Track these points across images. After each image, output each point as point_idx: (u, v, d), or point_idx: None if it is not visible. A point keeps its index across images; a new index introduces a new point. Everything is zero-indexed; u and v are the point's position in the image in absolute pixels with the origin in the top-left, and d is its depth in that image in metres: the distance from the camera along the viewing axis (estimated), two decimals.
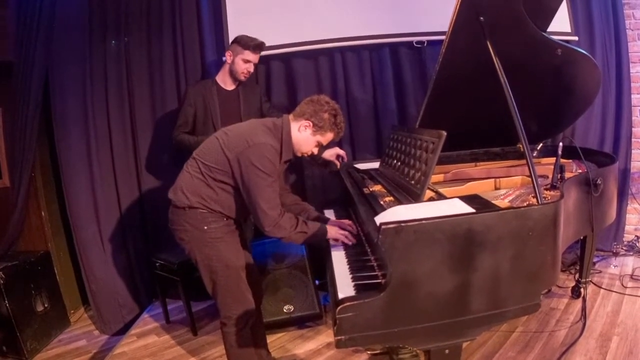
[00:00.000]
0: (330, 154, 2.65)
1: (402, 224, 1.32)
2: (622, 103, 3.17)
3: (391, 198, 1.92)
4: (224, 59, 2.82)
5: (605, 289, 2.80)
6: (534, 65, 2.19)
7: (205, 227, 1.92)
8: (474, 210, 1.46)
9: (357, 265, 1.73)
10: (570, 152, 2.50)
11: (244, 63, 2.65)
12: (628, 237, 3.36)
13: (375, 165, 2.56)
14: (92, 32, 2.96)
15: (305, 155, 2.05)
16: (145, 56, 3.07)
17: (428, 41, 3.07)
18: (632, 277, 2.91)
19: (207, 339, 2.74)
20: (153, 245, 3.17)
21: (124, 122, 3.10)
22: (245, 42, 2.62)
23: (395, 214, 1.53)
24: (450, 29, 1.90)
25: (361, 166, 2.73)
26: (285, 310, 2.70)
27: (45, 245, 3.14)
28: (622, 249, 3.20)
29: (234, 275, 1.97)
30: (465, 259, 1.38)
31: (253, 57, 2.65)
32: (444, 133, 1.69)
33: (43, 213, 3.12)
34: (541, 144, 2.84)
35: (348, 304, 1.32)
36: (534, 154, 2.81)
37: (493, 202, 1.69)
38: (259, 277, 2.38)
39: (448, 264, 1.36)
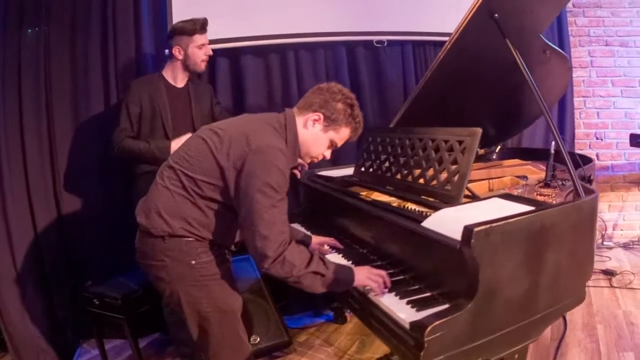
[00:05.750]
0: None
1: (492, 225, 1.26)
2: (566, 106, 3.49)
3: (408, 204, 1.84)
4: (166, 52, 2.55)
5: None
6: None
7: (194, 262, 1.56)
8: (532, 208, 1.46)
9: (393, 283, 1.58)
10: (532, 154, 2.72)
11: (200, 49, 2.41)
12: None
13: (341, 172, 2.48)
14: (6, 18, 2.46)
15: (315, 160, 1.76)
16: (67, 47, 2.64)
17: (388, 41, 3.08)
18: None
19: None
20: (78, 276, 2.70)
21: (40, 126, 2.61)
22: (190, 29, 2.38)
23: (450, 218, 1.47)
24: (464, 25, 1.88)
25: (328, 174, 2.59)
26: (251, 342, 2.48)
27: None
28: None
29: (230, 320, 1.66)
30: (537, 257, 1.39)
31: (204, 39, 2.42)
32: (479, 130, 1.67)
33: None
34: (499, 147, 3.02)
35: (437, 322, 1.22)
36: (493, 157, 2.97)
37: None
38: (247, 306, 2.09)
39: (525, 264, 1.36)
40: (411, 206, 1.82)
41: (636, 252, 3.58)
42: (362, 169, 2.30)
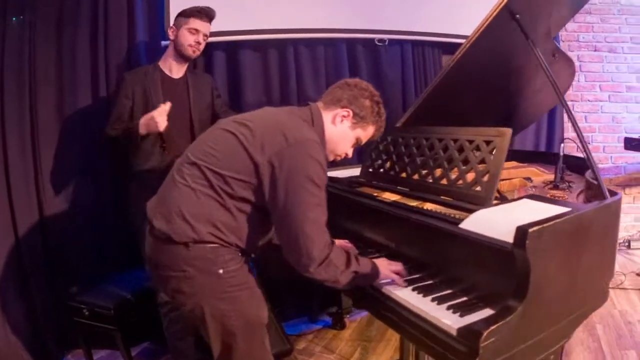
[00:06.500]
0: None
1: (544, 225, 1.26)
2: (555, 110, 3.56)
3: (427, 205, 1.81)
4: (163, 43, 2.47)
5: None
6: (529, 68, 2.33)
7: (221, 271, 1.42)
8: (568, 209, 1.46)
9: (424, 287, 1.54)
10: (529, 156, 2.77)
11: (191, 33, 2.31)
12: None
13: (345, 173, 2.41)
14: None
15: (338, 158, 1.70)
16: (53, 37, 2.49)
17: (389, 40, 3.08)
18: None
19: None
20: (62, 282, 2.56)
21: (23, 122, 2.45)
22: (189, 11, 2.31)
23: (489, 219, 1.45)
24: (486, 24, 1.87)
25: (332, 175, 2.56)
26: None
27: None
28: None
29: (258, 333, 1.55)
30: (576, 256, 1.40)
31: (201, 25, 2.33)
32: (509, 130, 1.67)
33: None
34: None
35: (492, 328, 1.19)
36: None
37: None
38: None
39: (566, 264, 1.37)
40: (429, 207, 1.79)
41: (623, 254, 3.72)
42: (371, 169, 2.26)
